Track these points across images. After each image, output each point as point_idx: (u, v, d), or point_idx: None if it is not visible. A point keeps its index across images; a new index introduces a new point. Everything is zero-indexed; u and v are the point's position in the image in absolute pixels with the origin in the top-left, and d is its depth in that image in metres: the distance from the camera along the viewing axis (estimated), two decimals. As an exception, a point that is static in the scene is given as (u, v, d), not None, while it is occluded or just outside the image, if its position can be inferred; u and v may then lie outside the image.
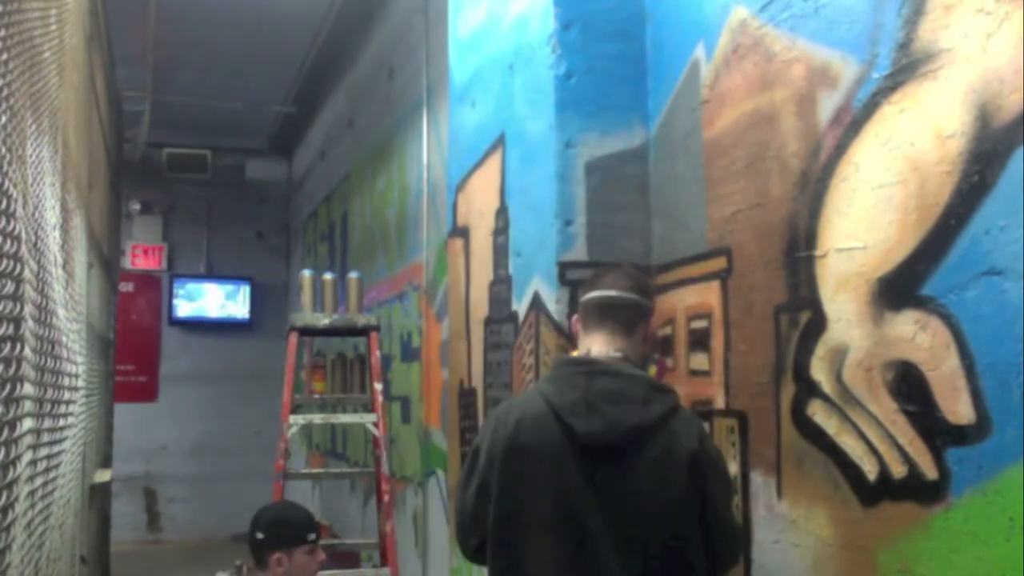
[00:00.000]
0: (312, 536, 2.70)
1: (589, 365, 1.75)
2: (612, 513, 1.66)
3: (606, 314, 1.80)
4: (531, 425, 1.73)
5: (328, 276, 4.27)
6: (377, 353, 4.07)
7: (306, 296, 4.20)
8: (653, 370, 1.99)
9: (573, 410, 1.69)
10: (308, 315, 4.09)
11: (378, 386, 4.05)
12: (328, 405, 4.38)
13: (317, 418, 4.20)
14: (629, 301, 1.81)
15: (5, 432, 1.19)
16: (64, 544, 2.18)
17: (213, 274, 8.91)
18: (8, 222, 1.18)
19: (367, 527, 5.62)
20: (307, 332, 4.19)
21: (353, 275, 4.31)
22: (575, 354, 1.85)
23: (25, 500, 1.40)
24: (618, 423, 1.67)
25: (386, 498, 3.86)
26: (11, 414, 1.23)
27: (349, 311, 4.20)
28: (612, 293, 1.81)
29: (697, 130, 2.09)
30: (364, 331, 4.12)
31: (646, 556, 1.65)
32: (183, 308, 8.73)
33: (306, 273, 4.28)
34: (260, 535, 2.66)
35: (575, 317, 1.90)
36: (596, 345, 1.79)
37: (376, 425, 3.95)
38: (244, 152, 8.94)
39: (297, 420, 3.96)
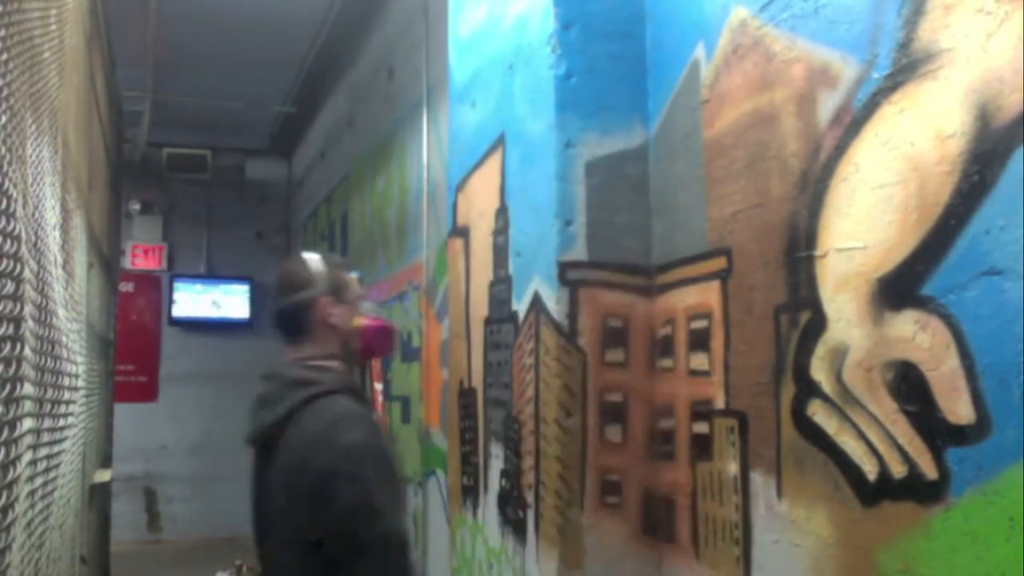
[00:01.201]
0: None
1: (265, 370, 1.86)
2: (264, 513, 1.77)
3: (277, 324, 1.87)
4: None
5: (353, 276, 4.28)
6: None
7: None
8: (359, 320, 1.92)
9: (249, 415, 1.82)
10: None
11: (378, 386, 4.05)
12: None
13: None
14: (284, 309, 1.84)
15: (5, 432, 1.19)
16: (64, 544, 2.18)
17: (213, 274, 8.91)
18: (8, 222, 1.18)
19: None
20: None
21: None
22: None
23: (25, 500, 1.40)
24: (260, 424, 1.76)
25: None
26: (11, 414, 1.22)
27: None
28: (274, 307, 1.88)
29: (697, 130, 2.09)
30: None
31: (285, 556, 1.71)
32: (183, 308, 8.73)
33: None
34: None
35: None
36: (286, 353, 1.87)
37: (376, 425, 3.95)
38: (244, 152, 8.93)
39: None
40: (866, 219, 1.55)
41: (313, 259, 1.88)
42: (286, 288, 1.85)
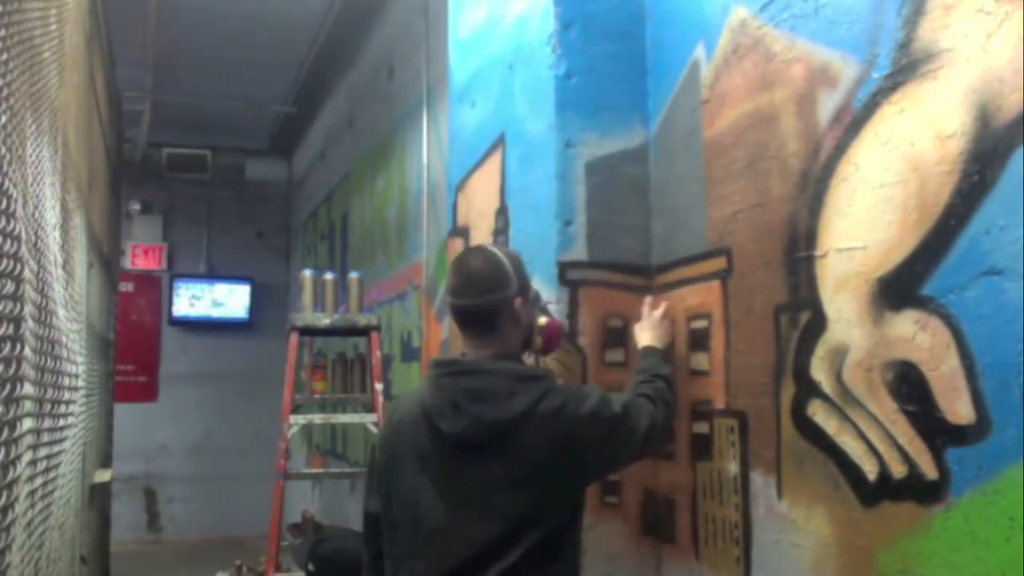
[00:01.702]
0: (311, 568, 2.66)
1: (451, 366, 1.79)
2: (480, 510, 1.69)
3: (464, 322, 1.82)
4: (405, 426, 1.81)
5: (329, 276, 4.28)
6: (378, 353, 4.06)
7: (307, 296, 4.20)
8: (539, 341, 1.94)
9: (440, 411, 1.73)
10: (309, 315, 4.09)
11: (379, 386, 4.05)
12: (328, 405, 4.39)
13: (317, 418, 4.20)
14: (476, 307, 1.80)
15: (5, 432, 1.19)
16: (64, 544, 2.18)
17: (213, 274, 8.91)
18: (8, 222, 1.18)
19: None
20: (308, 332, 4.19)
21: (354, 275, 4.32)
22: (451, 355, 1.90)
23: (25, 500, 1.40)
24: (481, 420, 1.69)
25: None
26: (11, 414, 1.23)
27: (350, 311, 4.21)
28: (460, 303, 1.82)
29: (697, 130, 2.09)
30: (365, 331, 4.12)
31: (506, 546, 1.66)
32: (183, 308, 8.73)
33: (307, 273, 4.29)
34: (311, 568, 2.61)
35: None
36: (468, 348, 1.83)
37: (376, 425, 3.95)
38: (244, 152, 8.94)
39: (297, 420, 3.96)
40: (866, 219, 1.55)
41: (503, 256, 1.84)
42: (480, 287, 1.80)
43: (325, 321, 4.05)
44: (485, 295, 1.79)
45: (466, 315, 1.82)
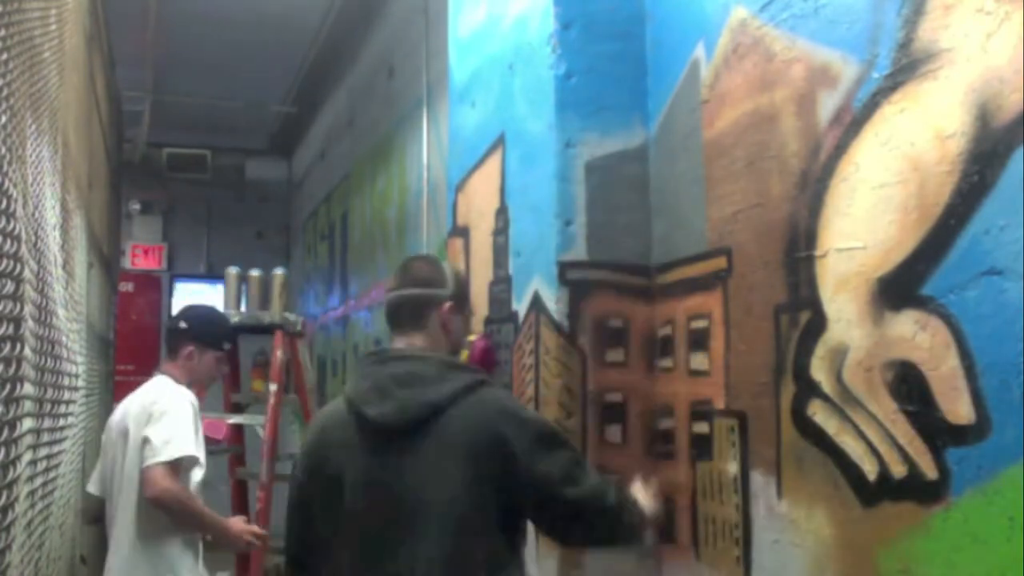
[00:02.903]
0: (227, 346, 2.89)
1: (379, 354, 1.80)
2: (407, 496, 1.65)
3: (394, 314, 1.83)
4: (330, 427, 1.79)
5: (254, 273, 4.28)
6: (279, 352, 3.95)
7: (230, 294, 4.21)
8: (465, 355, 1.93)
9: (365, 398, 1.71)
10: (227, 313, 4.03)
11: (272, 387, 3.91)
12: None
13: (225, 417, 4.16)
14: (407, 297, 1.81)
15: (5, 432, 1.19)
16: (64, 544, 2.18)
17: (213, 274, 8.91)
18: (8, 222, 1.18)
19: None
20: None
21: (277, 271, 4.30)
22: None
23: (25, 500, 1.40)
24: (408, 403, 1.67)
25: (259, 505, 3.77)
26: (11, 414, 1.23)
27: (272, 308, 4.12)
28: (392, 294, 1.84)
29: (697, 130, 2.09)
30: (270, 329, 4.01)
31: (440, 539, 1.62)
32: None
33: (232, 270, 4.31)
34: (183, 324, 2.80)
35: None
36: (397, 343, 1.82)
37: (263, 427, 3.85)
38: (244, 152, 8.94)
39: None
40: (866, 219, 1.55)
41: (446, 264, 1.89)
42: (416, 279, 1.82)
43: (235, 318, 3.98)
44: (418, 287, 1.81)
45: (396, 305, 1.83)
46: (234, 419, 4.24)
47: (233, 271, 4.28)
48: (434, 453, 1.64)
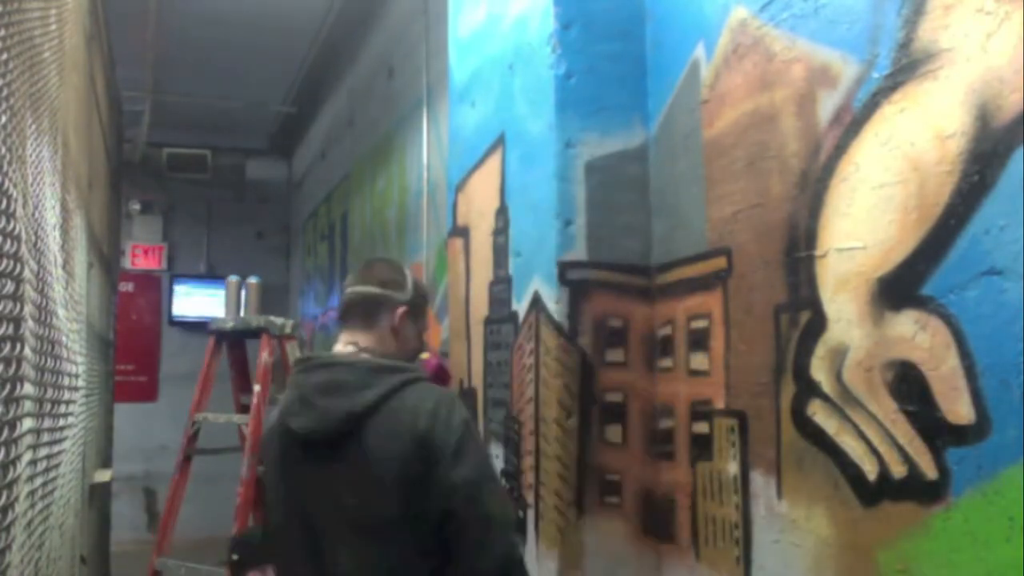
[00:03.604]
0: (235, 557, 2.92)
1: (307, 361, 1.76)
2: (335, 508, 1.63)
3: (346, 312, 1.82)
4: (269, 434, 1.80)
5: (253, 280, 4.66)
6: (264, 355, 4.12)
7: (229, 299, 4.54)
8: (426, 355, 1.90)
9: (290, 409, 1.70)
10: (226, 319, 4.43)
11: (256, 388, 4.10)
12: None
13: (209, 416, 4.38)
14: (363, 295, 1.80)
15: (5, 432, 1.19)
16: (64, 544, 2.18)
17: (213, 274, 8.91)
18: (8, 222, 1.18)
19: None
20: (219, 334, 4.43)
21: (252, 280, 4.62)
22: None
23: (25, 500, 1.40)
24: (328, 414, 1.64)
25: (239, 500, 3.95)
26: (11, 414, 1.22)
27: (250, 313, 4.47)
28: (348, 290, 1.82)
29: (697, 130, 2.09)
30: (257, 333, 4.24)
31: (366, 548, 1.61)
32: (183, 308, 8.72)
33: (232, 279, 4.68)
34: (235, 556, 2.88)
35: None
36: (338, 344, 1.80)
37: (247, 426, 4.04)
38: (244, 152, 8.93)
39: (198, 418, 4.32)
40: (866, 219, 1.55)
41: (409, 271, 1.88)
42: (376, 279, 1.81)
43: (230, 324, 4.36)
44: (374, 286, 1.80)
45: (349, 302, 1.82)
46: (221, 418, 4.49)
47: (233, 279, 4.65)
48: (357, 462, 1.62)
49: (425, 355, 1.86)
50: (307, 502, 1.68)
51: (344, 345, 1.79)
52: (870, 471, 1.54)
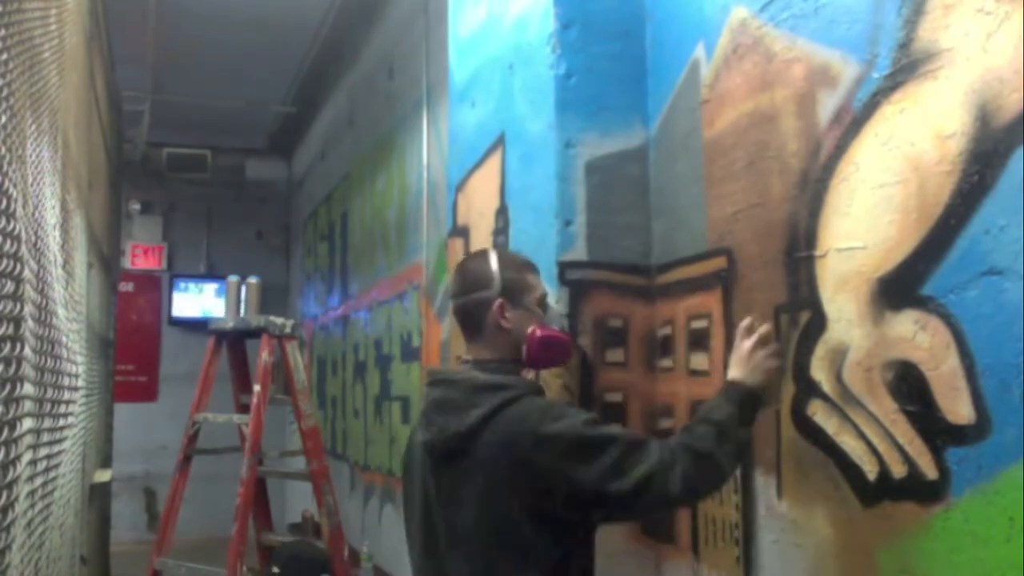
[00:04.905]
0: (275, 571, 2.90)
1: (432, 375, 1.82)
2: (450, 521, 1.68)
3: (460, 326, 1.83)
4: (411, 439, 1.85)
5: (253, 280, 4.68)
6: (264, 355, 4.11)
7: (230, 300, 4.60)
8: (524, 351, 1.86)
9: (420, 421, 1.78)
10: (226, 319, 4.44)
11: (256, 388, 4.07)
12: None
13: (209, 416, 4.37)
14: (459, 308, 1.81)
15: (5, 432, 1.19)
16: (64, 544, 2.18)
17: (213, 274, 8.91)
18: (8, 222, 1.18)
19: (367, 527, 5.63)
20: (220, 334, 4.42)
21: (252, 280, 4.67)
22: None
23: (25, 500, 1.40)
24: (443, 431, 1.70)
25: (239, 500, 3.95)
26: (11, 414, 1.22)
27: (249, 313, 4.48)
28: (452, 305, 1.85)
29: (697, 130, 2.09)
30: (257, 332, 4.24)
31: (464, 564, 1.66)
32: (183, 308, 8.73)
33: (232, 279, 4.71)
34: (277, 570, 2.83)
35: None
36: (464, 355, 1.82)
37: (247, 426, 4.03)
38: (244, 152, 8.93)
39: (198, 419, 4.31)
40: (866, 219, 1.55)
41: (494, 258, 1.81)
42: (465, 286, 1.80)
43: (230, 324, 4.35)
44: (462, 296, 1.80)
45: (456, 317, 1.84)
46: (221, 419, 4.46)
47: (233, 279, 4.66)
48: (466, 477, 1.66)
49: (530, 328, 1.79)
50: (430, 509, 1.74)
51: (466, 354, 1.81)
52: (870, 471, 1.54)
